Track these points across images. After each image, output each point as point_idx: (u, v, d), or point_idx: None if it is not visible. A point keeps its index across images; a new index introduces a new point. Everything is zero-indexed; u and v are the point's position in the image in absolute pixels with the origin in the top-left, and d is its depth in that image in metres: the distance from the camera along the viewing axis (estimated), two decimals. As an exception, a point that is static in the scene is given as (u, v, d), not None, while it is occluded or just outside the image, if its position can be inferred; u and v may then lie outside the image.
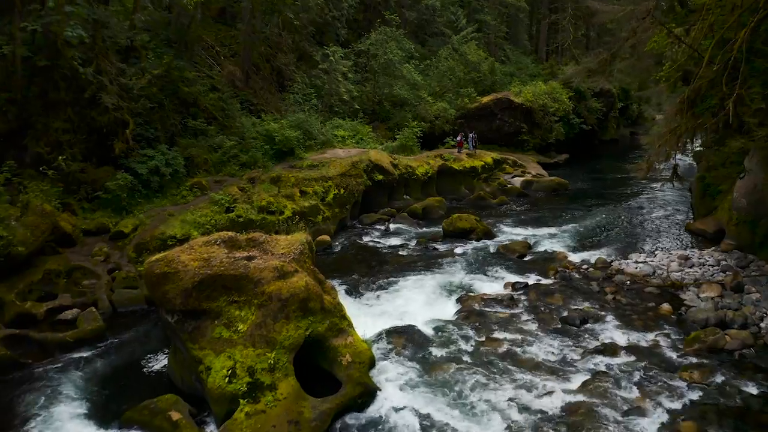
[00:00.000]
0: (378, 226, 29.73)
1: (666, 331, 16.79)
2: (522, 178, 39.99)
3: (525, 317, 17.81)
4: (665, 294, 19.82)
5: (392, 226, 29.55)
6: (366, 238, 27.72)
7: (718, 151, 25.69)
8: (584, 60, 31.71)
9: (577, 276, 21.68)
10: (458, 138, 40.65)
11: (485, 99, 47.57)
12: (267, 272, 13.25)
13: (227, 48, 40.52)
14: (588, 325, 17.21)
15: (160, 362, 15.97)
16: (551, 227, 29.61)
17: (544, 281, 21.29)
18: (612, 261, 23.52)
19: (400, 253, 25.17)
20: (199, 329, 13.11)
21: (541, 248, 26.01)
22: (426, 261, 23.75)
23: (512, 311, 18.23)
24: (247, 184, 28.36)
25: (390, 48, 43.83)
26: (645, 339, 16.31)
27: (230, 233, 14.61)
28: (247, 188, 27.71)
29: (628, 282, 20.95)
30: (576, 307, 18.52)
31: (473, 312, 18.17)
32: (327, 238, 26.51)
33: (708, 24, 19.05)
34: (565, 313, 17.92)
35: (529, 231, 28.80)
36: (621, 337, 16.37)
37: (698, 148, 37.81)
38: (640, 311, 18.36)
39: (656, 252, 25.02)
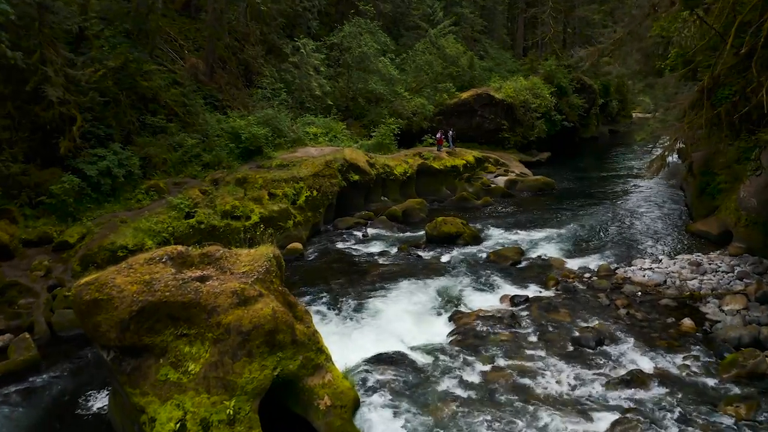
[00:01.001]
0: (355, 231, 27.13)
1: (694, 353, 14.47)
2: (506, 178, 37.73)
3: (531, 339, 15.35)
4: (683, 307, 17.57)
5: (370, 231, 26.97)
6: (342, 245, 25.11)
7: (730, 146, 23.54)
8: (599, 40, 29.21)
9: (580, 286, 19.33)
10: (438, 135, 38.23)
11: (465, 95, 45.26)
12: (224, 298, 10.56)
13: (191, 42, 37.69)
14: (605, 347, 14.81)
15: (101, 401, 13.25)
16: (542, 230, 27.32)
17: (545, 293, 18.90)
18: (616, 269, 21.25)
19: (380, 261, 22.61)
20: (140, 370, 10.40)
21: (534, 254, 23.67)
22: (410, 271, 21.22)
23: (515, 331, 15.76)
24: (209, 186, 25.61)
25: (364, 40, 41.27)
26: (673, 363, 13.96)
27: (179, 247, 11.86)
28: (210, 191, 24.96)
29: (640, 293, 18.66)
30: (587, 324, 16.12)
31: (469, 332, 15.68)
32: (299, 245, 23.85)
33: (730, 4, 16.85)
34: (576, 333, 15.50)
35: (519, 235, 26.47)
36: (646, 362, 13.99)
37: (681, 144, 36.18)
38: (659, 328, 16.05)
39: (661, 257, 22.88)
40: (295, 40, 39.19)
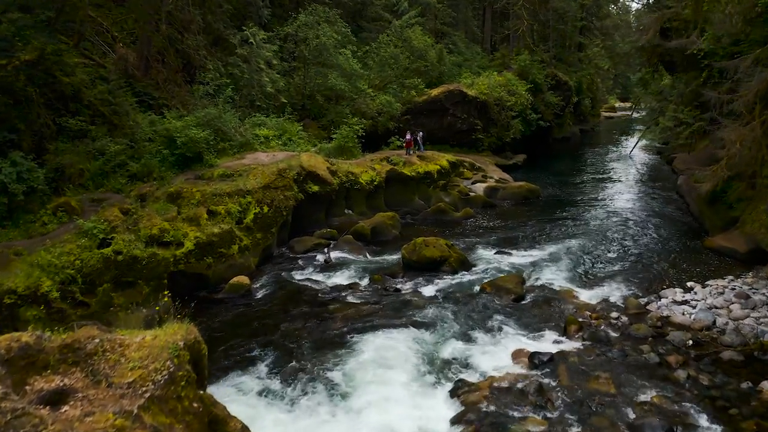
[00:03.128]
0: (315, 255, 22.27)
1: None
2: (484, 184, 33.33)
3: (573, 429, 10.75)
4: (753, 361, 13.42)
5: (334, 255, 22.16)
6: (300, 275, 20.23)
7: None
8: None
9: (612, 333, 14.91)
10: (407, 137, 33.57)
11: (435, 92, 40.70)
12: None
13: (127, 34, 32.53)
14: (680, 441, 10.34)
15: None
16: (538, 249, 22.99)
17: (569, 345, 14.38)
18: (647, 304, 16.98)
19: (348, 299, 17.81)
20: None
21: (537, 282, 19.28)
22: (387, 313, 16.49)
23: (546, 414, 11.16)
24: (134, 203, 20.43)
25: (322, 30, 36.41)
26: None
27: (25, 337, 6.85)
28: (134, 210, 19.75)
29: (690, 342, 14.33)
30: (641, 398, 11.66)
31: (483, 418, 11.02)
32: (244, 280, 18.89)
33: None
34: (632, 414, 11.04)
35: (512, 256, 22.04)
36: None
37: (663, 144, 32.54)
38: (736, 399, 11.75)
39: (689, 283, 18.79)
40: (244, 29, 34.11)
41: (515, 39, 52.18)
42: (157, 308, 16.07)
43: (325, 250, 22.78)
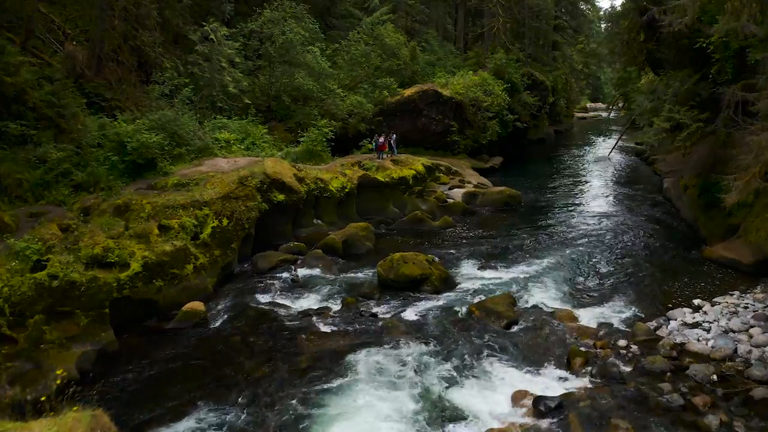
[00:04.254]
0: (280, 274, 19.94)
1: None
2: (462, 190, 31.31)
3: (599, 505, 8.68)
4: (789, 401, 11.44)
5: (302, 273, 19.89)
6: (263, 298, 17.89)
7: None
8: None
9: (624, 367, 12.93)
10: (380, 140, 31.38)
11: (408, 92, 38.58)
12: None
13: (80, 31, 30.14)
14: None
15: None
16: (525, 263, 21.01)
17: (576, 383, 12.37)
18: (656, 328, 15.06)
19: (317, 327, 15.56)
20: None
21: (530, 302, 17.29)
22: (363, 345, 14.32)
23: (562, 483, 9.07)
24: (75, 218, 17.97)
25: (289, 26, 34.09)
26: None
27: None
28: (75, 226, 17.27)
29: (715, 377, 12.41)
30: (672, 456, 9.65)
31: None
32: (199, 306, 16.50)
33: None
34: (665, 481, 8.99)
35: (498, 271, 20.02)
36: None
37: (641, 143, 30.87)
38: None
39: (697, 301, 17.03)
40: (204, 25, 31.63)
41: (490, 37, 50.34)
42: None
43: (292, 267, 20.50)
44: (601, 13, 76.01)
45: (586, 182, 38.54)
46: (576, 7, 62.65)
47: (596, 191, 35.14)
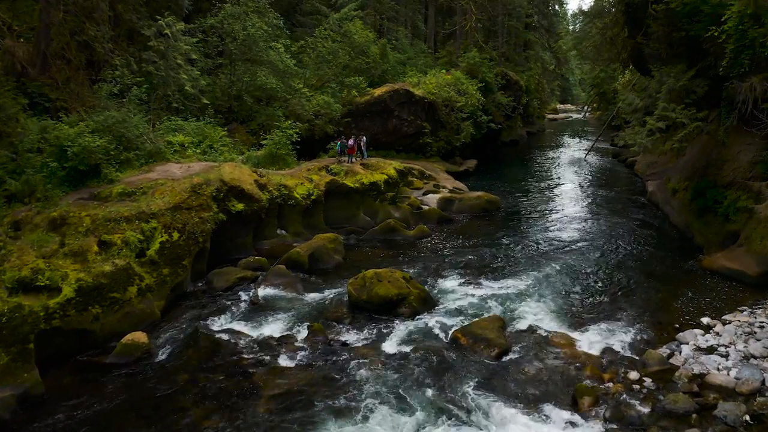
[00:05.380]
0: (239, 294, 17.63)
1: None
2: (438, 196, 29.28)
3: None
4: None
5: (263, 293, 17.61)
6: (217, 324, 15.58)
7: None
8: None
9: (640, 407, 11.01)
10: (349, 142, 29.20)
11: (378, 91, 36.47)
12: None
13: (27, 26, 27.47)
14: None
15: None
16: (510, 277, 19.08)
17: (586, 430, 10.33)
18: (669, 355, 13.17)
19: (279, 361, 13.32)
20: None
21: (521, 324, 15.33)
22: (331, 381, 12.21)
23: None
24: (4, 234, 15.53)
25: (251, 21, 31.74)
26: None
27: None
28: (2, 243, 14.85)
29: (747, 417, 10.55)
30: None
31: None
32: (141, 338, 14.08)
33: None
34: None
35: (483, 288, 18.00)
36: None
37: (621, 143, 29.18)
38: None
39: (710, 323, 15.29)
40: (159, 19, 29.10)
41: (462, 35, 48.48)
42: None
43: (252, 285, 18.21)
44: (577, 10, 74.99)
45: (565, 185, 36.88)
46: (548, 6, 61.20)
47: (576, 195, 33.46)
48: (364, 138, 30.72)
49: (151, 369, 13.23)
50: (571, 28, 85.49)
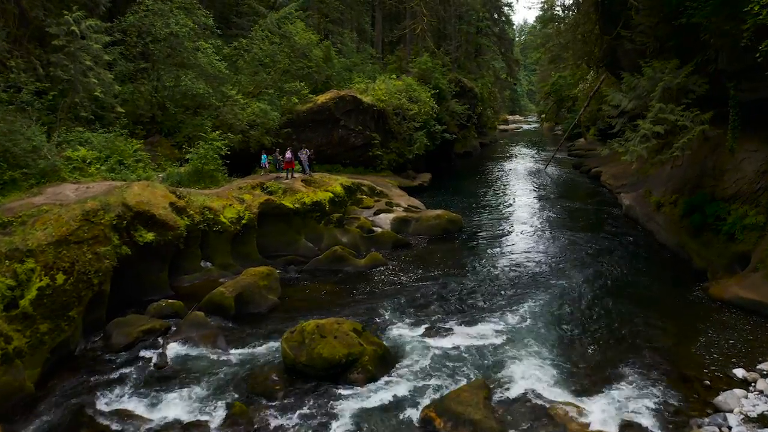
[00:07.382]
0: (142, 354, 13.55)
1: None
2: (392, 215, 25.62)
3: None
4: None
5: (172, 351, 13.55)
6: (107, 402, 11.46)
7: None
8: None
9: None
10: (287, 155, 25.34)
11: (322, 98, 32.67)
12: None
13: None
14: None
15: None
16: (487, 319, 15.59)
17: None
18: (701, 428, 9.76)
19: (182, 468, 9.39)
20: None
21: (510, 391, 11.77)
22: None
23: None
24: None
25: (174, 19, 27.57)
26: None
27: None
28: None
29: None
30: None
31: None
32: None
33: None
34: None
35: (453, 337, 14.37)
36: None
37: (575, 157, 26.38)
38: None
39: (746, 376, 12.21)
40: (66, 14, 24.64)
41: (412, 39, 45.16)
42: None
43: (160, 340, 14.14)
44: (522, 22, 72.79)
45: (531, 199, 33.80)
46: (499, 13, 58.64)
47: (545, 210, 30.33)
48: (307, 151, 26.92)
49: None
50: (516, 39, 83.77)
